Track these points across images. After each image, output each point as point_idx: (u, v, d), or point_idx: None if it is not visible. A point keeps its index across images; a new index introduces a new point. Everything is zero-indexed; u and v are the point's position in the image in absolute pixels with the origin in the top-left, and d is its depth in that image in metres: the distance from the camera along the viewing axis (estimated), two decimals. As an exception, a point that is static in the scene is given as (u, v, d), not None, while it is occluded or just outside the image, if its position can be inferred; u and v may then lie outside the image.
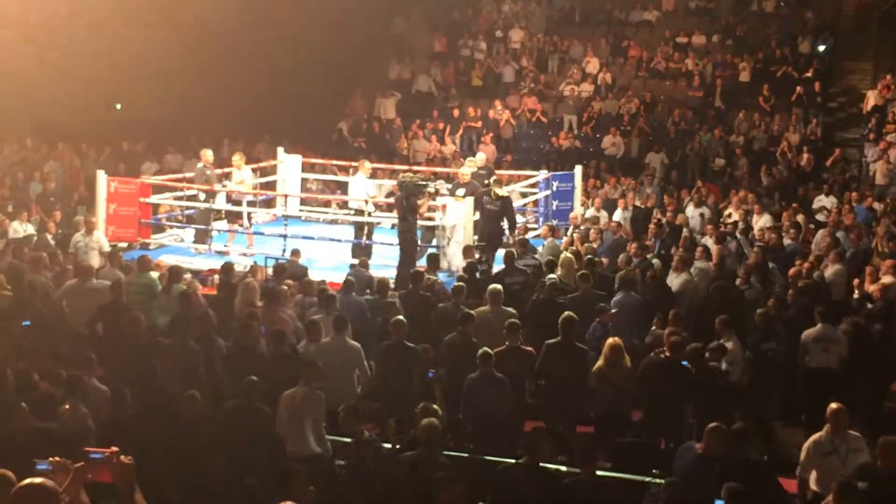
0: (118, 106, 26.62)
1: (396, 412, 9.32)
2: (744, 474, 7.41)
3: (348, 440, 8.35)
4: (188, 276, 13.52)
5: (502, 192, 15.10)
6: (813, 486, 8.09)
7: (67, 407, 8.01)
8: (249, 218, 17.03)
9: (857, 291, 13.18)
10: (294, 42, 25.72)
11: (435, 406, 8.52)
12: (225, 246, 16.15)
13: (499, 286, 11.47)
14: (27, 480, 4.72)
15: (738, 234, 16.14)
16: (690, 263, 13.43)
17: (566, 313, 10.20)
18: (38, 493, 4.61)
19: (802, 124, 23.99)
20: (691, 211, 18.42)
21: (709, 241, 15.29)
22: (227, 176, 16.98)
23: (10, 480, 5.25)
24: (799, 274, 13.09)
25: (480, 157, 18.00)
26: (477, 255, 13.92)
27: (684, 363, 9.69)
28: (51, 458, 5.13)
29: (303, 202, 19.11)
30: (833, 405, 8.24)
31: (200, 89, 24.31)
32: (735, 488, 6.93)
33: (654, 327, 11.26)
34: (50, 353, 10.48)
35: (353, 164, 16.94)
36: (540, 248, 15.02)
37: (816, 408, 10.77)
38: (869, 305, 12.33)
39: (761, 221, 17.24)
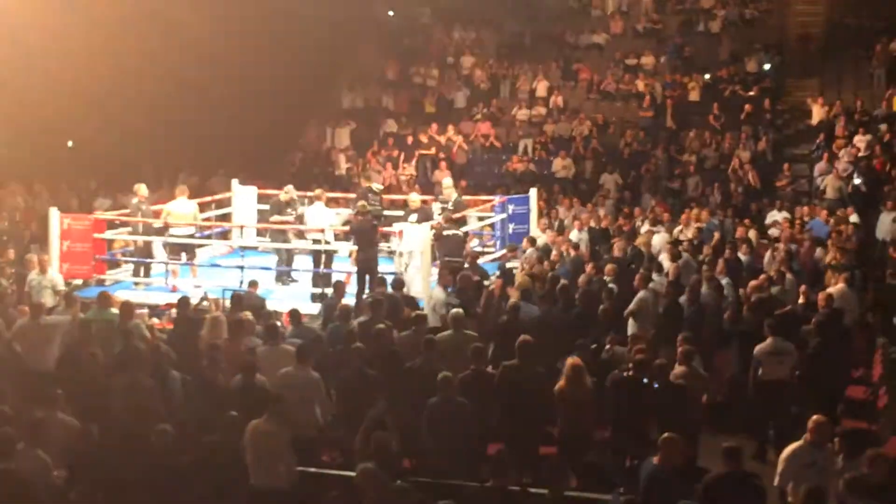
0: (70, 143, 26.41)
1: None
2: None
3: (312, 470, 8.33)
4: (144, 310, 13.46)
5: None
6: (791, 497, 8.14)
7: (22, 446, 7.92)
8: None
9: (803, 298, 13.31)
10: (246, 74, 25.67)
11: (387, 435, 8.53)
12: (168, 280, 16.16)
13: (461, 311, 11.50)
14: None
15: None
16: (650, 281, 13.52)
17: (522, 336, 10.22)
18: None
19: (752, 141, 24.29)
20: (651, 229, 18.56)
21: (664, 258, 15.41)
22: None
23: None
24: (757, 288, 13.20)
25: (447, 182, 18.13)
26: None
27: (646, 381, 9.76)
28: None
29: (259, 233, 19.05)
30: (816, 417, 8.31)
31: (152, 124, 24.18)
32: None
33: (608, 346, 11.31)
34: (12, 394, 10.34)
35: (309, 194, 16.93)
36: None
37: (770, 420, 11.02)
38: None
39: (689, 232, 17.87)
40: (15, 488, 7.23)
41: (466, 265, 14.74)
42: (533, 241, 16.77)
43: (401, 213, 17.28)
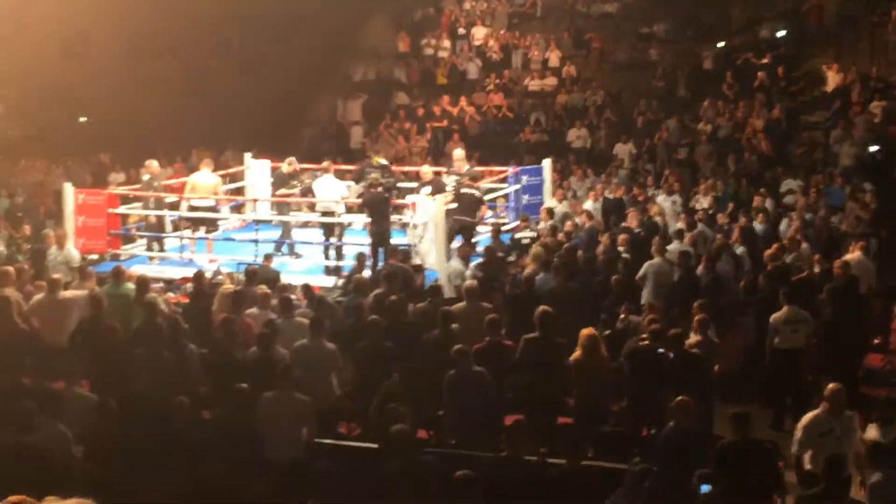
0: (82, 119, 26.41)
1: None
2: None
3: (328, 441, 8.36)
4: (159, 285, 13.49)
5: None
6: (808, 464, 8.16)
7: (41, 420, 7.97)
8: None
9: (817, 266, 13.24)
10: (257, 49, 25.61)
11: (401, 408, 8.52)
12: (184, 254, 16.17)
13: (475, 282, 11.50)
14: None
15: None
16: (666, 250, 13.46)
17: (541, 307, 10.19)
18: None
19: (767, 110, 24.10)
20: (662, 199, 18.49)
21: (680, 227, 15.36)
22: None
23: None
24: (773, 257, 13.14)
25: (459, 154, 18.02)
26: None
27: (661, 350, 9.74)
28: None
29: (272, 207, 19.03)
30: (832, 385, 8.31)
31: (164, 100, 24.17)
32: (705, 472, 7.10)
33: (622, 315, 11.29)
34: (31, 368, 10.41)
35: (321, 166, 16.89)
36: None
37: (788, 389, 10.99)
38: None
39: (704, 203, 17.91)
40: (35, 461, 7.27)
41: (490, 239, 14.70)
42: (550, 212, 16.71)
43: (414, 185, 17.23)
